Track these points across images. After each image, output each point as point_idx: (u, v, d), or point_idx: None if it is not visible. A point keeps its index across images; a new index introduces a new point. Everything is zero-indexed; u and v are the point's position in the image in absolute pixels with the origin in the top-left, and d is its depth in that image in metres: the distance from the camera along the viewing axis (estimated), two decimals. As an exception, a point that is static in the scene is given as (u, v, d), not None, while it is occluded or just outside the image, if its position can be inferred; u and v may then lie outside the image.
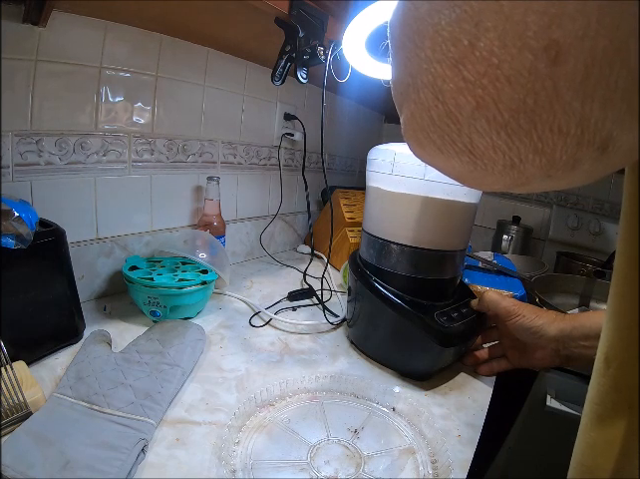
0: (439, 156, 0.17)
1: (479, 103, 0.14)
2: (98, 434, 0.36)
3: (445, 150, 0.16)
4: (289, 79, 0.63)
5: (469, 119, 0.14)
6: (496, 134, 0.14)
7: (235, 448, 0.39)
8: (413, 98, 0.16)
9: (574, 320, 0.49)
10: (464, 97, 0.14)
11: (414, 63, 0.15)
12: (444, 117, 0.15)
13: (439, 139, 0.16)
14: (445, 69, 0.14)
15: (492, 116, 0.14)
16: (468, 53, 0.13)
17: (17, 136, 0.54)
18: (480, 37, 0.13)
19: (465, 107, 0.14)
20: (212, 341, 0.59)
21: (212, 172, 0.85)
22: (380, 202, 0.56)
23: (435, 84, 0.15)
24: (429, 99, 0.15)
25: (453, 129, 0.15)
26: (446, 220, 0.53)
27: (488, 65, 0.13)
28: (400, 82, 0.17)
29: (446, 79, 0.14)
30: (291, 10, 0.53)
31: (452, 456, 0.39)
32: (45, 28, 0.54)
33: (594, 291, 0.86)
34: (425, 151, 0.18)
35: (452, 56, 0.14)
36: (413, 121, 0.17)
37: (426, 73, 0.15)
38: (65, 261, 0.50)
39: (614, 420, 0.20)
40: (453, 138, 0.15)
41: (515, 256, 1.10)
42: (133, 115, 0.68)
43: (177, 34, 0.70)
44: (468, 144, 0.15)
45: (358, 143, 1.36)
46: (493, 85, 0.13)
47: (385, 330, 0.56)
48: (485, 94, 0.13)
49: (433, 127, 0.16)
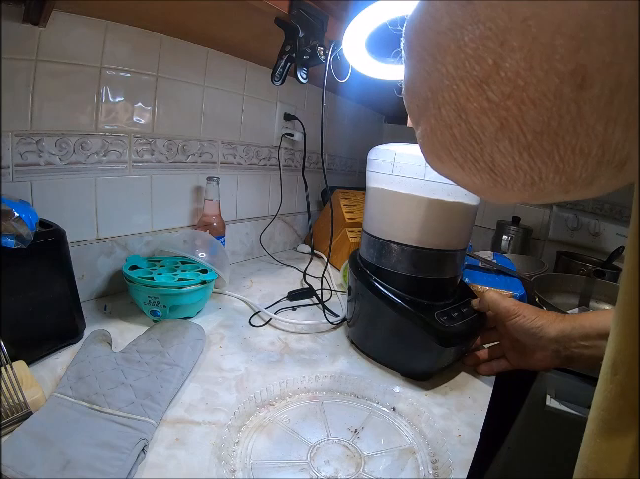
0: (458, 172, 0.17)
1: (503, 124, 0.14)
2: (98, 434, 0.36)
3: (466, 167, 0.16)
4: (289, 79, 0.63)
5: (492, 139, 0.14)
6: (519, 154, 0.14)
7: (235, 448, 0.39)
8: (433, 113, 0.16)
9: (574, 321, 0.49)
10: (487, 117, 0.14)
11: (433, 78, 0.15)
12: (466, 135, 0.15)
13: (460, 156, 0.16)
14: (468, 87, 0.14)
15: (516, 137, 0.14)
16: (493, 73, 0.13)
17: (17, 136, 0.54)
18: (507, 57, 0.13)
19: (488, 127, 0.14)
20: (212, 341, 0.59)
21: (212, 172, 0.85)
22: (380, 202, 0.56)
23: (457, 102, 0.14)
24: (450, 116, 0.15)
25: (475, 147, 0.15)
26: (446, 220, 0.52)
27: (514, 86, 0.13)
28: (417, 94, 0.17)
29: (469, 97, 0.14)
30: (291, 10, 0.53)
31: (452, 456, 0.39)
32: (45, 28, 0.54)
33: (594, 291, 0.86)
34: (444, 165, 0.18)
35: (476, 74, 0.13)
36: (432, 136, 0.17)
37: (447, 90, 0.15)
38: (65, 261, 0.50)
39: (620, 427, 0.20)
40: (475, 156, 0.15)
41: (515, 256, 1.10)
42: (133, 115, 0.68)
43: (177, 34, 0.70)
44: (490, 162, 0.15)
45: (358, 143, 1.36)
46: (518, 107, 0.13)
47: (385, 330, 0.56)
48: (510, 115, 0.13)
49: (454, 144, 0.16)
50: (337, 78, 0.62)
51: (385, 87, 0.64)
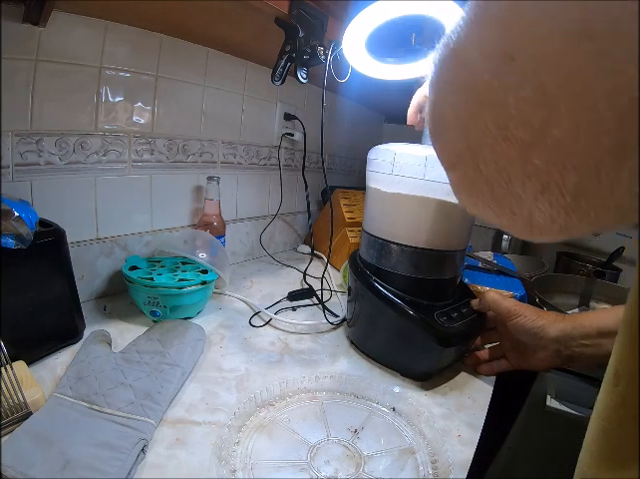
0: (494, 219, 0.17)
1: (544, 187, 0.14)
2: (98, 434, 0.36)
3: (503, 217, 0.16)
4: (289, 79, 0.63)
5: (532, 199, 0.14)
6: (557, 213, 0.14)
7: (235, 448, 0.39)
8: (471, 165, 0.16)
9: (574, 320, 0.49)
10: (530, 181, 0.14)
11: (472, 131, 0.15)
12: (506, 194, 0.15)
13: (498, 208, 0.16)
14: (511, 150, 0.14)
15: (556, 199, 0.14)
16: (539, 138, 0.13)
17: (17, 136, 0.54)
18: (555, 124, 0.12)
19: (529, 189, 0.14)
20: (212, 341, 0.59)
21: (212, 172, 0.85)
22: (380, 202, 0.56)
23: (498, 161, 0.14)
24: (491, 175, 0.15)
25: (514, 204, 0.15)
26: (446, 220, 0.52)
27: (558, 153, 0.13)
28: (450, 141, 0.17)
29: (512, 160, 0.14)
30: (291, 10, 0.53)
31: (452, 456, 0.39)
32: (45, 28, 0.54)
33: (594, 291, 0.86)
34: (478, 210, 0.18)
35: (520, 137, 0.13)
36: (470, 187, 0.17)
37: (489, 149, 0.14)
38: (65, 261, 0.50)
39: (620, 436, 0.20)
40: (512, 210, 0.15)
41: (515, 256, 1.10)
42: (133, 115, 0.68)
43: (177, 34, 0.70)
44: (527, 216, 0.15)
45: (358, 143, 1.36)
46: (560, 173, 0.13)
47: (385, 330, 0.56)
48: (551, 179, 0.13)
49: (492, 199, 0.16)
50: (337, 78, 0.62)
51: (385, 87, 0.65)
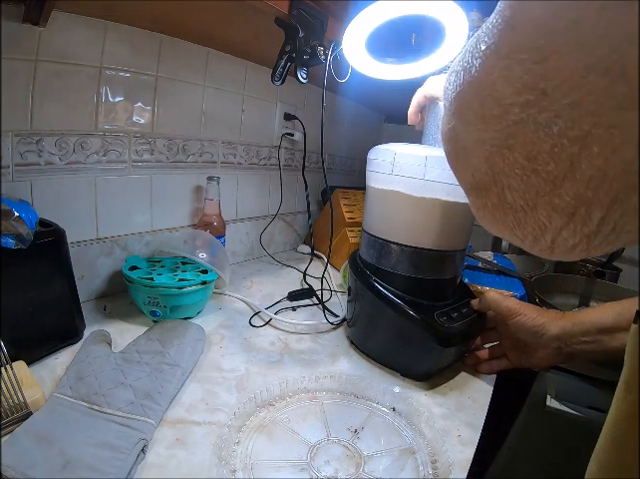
0: (516, 241, 0.17)
1: (569, 219, 0.14)
2: (98, 434, 0.36)
3: (526, 242, 0.16)
4: (289, 79, 0.63)
5: (557, 229, 0.14)
6: (579, 239, 0.14)
7: (235, 448, 0.39)
8: (496, 192, 0.16)
9: (574, 318, 0.49)
10: (556, 213, 0.14)
11: (498, 161, 0.15)
12: (531, 222, 0.15)
13: (521, 235, 0.16)
14: (541, 182, 0.14)
15: (580, 229, 0.14)
16: (568, 173, 0.13)
17: (17, 136, 0.54)
18: (584, 160, 0.12)
19: (556, 220, 0.14)
20: (212, 341, 0.59)
21: (212, 172, 0.85)
22: (380, 202, 0.56)
23: (527, 192, 0.14)
24: (517, 203, 0.15)
25: (538, 232, 0.15)
26: (446, 220, 0.52)
27: (586, 188, 0.13)
28: (473, 167, 0.17)
29: (540, 191, 0.14)
30: (291, 10, 0.53)
31: (452, 456, 0.39)
32: (45, 28, 0.54)
33: (594, 291, 0.86)
34: (501, 234, 0.18)
35: (550, 171, 0.13)
36: (494, 213, 0.17)
37: (517, 179, 0.14)
38: (65, 262, 0.50)
39: (630, 447, 0.20)
40: (536, 237, 0.15)
41: (515, 256, 1.10)
42: (133, 115, 0.68)
43: (177, 34, 0.70)
44: (550, 242, 0.15)
45: (358, 143, 1.36)
46: (587, 208, 0.13)
47: (385, 330, 0.56)
48: (578, 213, 0.13)
49: (518, 226, 0.16)
50: (337, 78, 0.62)
51: (385, 87, 0.64)
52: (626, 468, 0.20)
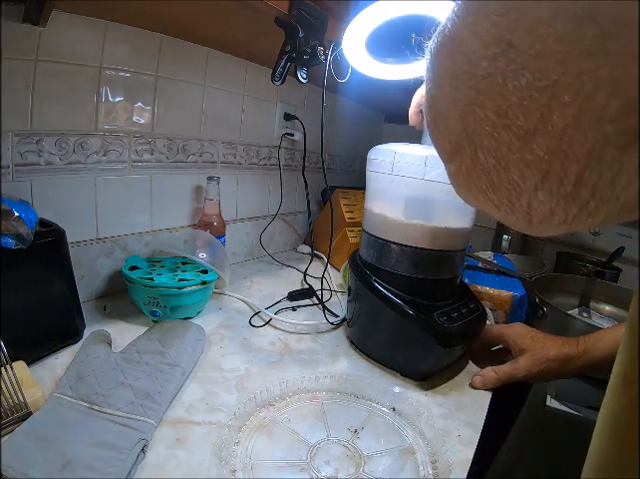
0: (494, 211, 0.17)
1: (544, 177, 0.13)
2: (98, 434, 0.36)
3: (502, 208, 0.16)
4: (289, 79, 0.63)
5: (531, 189, 0.14)
6: (556, 202, 0.14)
7: (235, 448, 0.39)
8: (469, 154, 0.16)
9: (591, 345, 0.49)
10: (529, 170, 0.14)
11: (470, 120, 0.15)
12: (505, 183, 0.15)
13: (497, 199, 0.16)
14: (512, 137, 0.13)
15: (556, 189, 0.13)
16: (539, 126, 0.13)
17: (17, 136, 0.54)
18: (555, 111, 0.12)
19: (530, 179, 0.14)
20: (212, 341, 0.59)
21: (212, 172, 0.85)
22: (380, 202, 0.56)
23: (498, 150, 0.14)
24: (490, 163, 0.15)
25: (513, 194, 0.15)
26: (446, 220, 0.52)
27: (559, 141, 0.12)
28: (449, 130, 0.16)
29: (512, 148, 0.14)
30: (291, 10, 0.53)
31: (452, 456, 0.39)
32: (45, 28, 0.54)
33: (594, 291, 0.86)
34: (477, 202, 0.18)
35: (521, 125, 0.13)
36: (468, 177, 0.16)
37: (488, 136, 0.14)
38: (65, 261, 0.50)
39: (629, 442, 0.19)
40: (511, 200, 0.15)
41: (515, 256, 1.10)
42: (133, 115, 0.68)
43: (177, 34, 0.70)
44: (526, 207, 0.15)
45: (358, 143, 1.36)
46: (562, 162, 0.13)
47: (385, 330, 0.56)
48: (552, 169, 0.13)
49: (491, 189, 0.16)
50: (337, 78, 0.62)
51: (385, 87, 0.64)
52: (627, 467, 0.20)
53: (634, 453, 0.19)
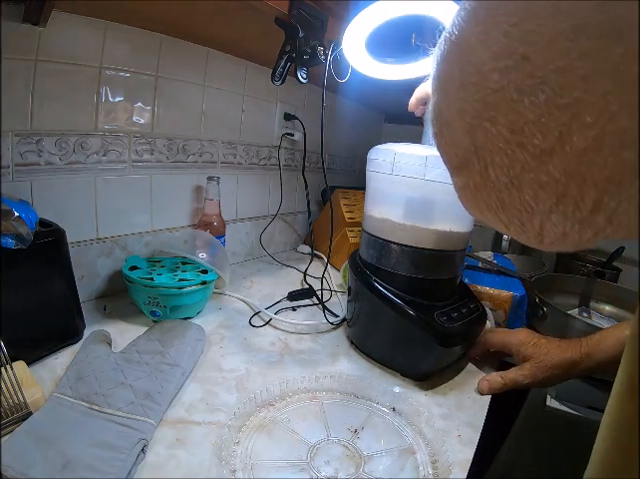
0: (502, 228, 0.16)
1: (559, 200, 0.13)
2: (98, 434, 0.36)
3: (512, 227, 0.15)
4: (289, 79, 0.63)
5: (545, 211, 0.13)
6: (571, 226, 0.13)
7: (235, 448, 0.39)
8: (478, 170, 0.15)
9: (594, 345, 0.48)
10: (544, 191, 0.13)
11: (479, 134, 0.14)
12: (516, 203, 0.14)
13: (507, 219, 0.15)
14: (526, 156, 0.13)
15: (572, 212, 0.13)
16: (557, 146, 0.12)
17: (17, 136, 0.54)
18: (575, 131, 0.11)
19: (544, 201, 0.13)
20: (212, 341, 0.59)
21: (212, 172, 0.85)
22: (380, 202, 0.56)
23: (511, 168, 0.13)
24: (501, 181, 0.14)
25: (524, 215, 0.14)
26: (446, 220, 0.52)
27: (578, 163, 0.12)
28: (456, 143, 0.15)
29: (526, 167, 0.13)
30: (291, 10, 0.53)
31: (452, 456, 0.39)
32: (45, 28, 0.54)
33: (594, 291, 0.86)
34: (486, 219, 0.17)
35: (537, 144, 0.12)
36: (477, 194, 0.16)
37: (500, 153, 0.13)
38: (65, 261, 0.50)
39: (634, 447, 0.19)
40: (522, 221, 0.14)
41: (515, 256, 1.10)
42: (133, 115, 0.68)
43: (177, 34, 0.70)
44: (538, 228, 0.14)
45: (358, 143, 1.36)
46: (579, 187, 0.12)
47: (385, 330, 0.56)
48: (568, 192, 0.12)
49: (502, 208, 0.15)
50: (337, 78, 0.62)
51: (385, 87, 0.64)
52: (628, 468, 0.19)
53: (634, 453, 0.19)
